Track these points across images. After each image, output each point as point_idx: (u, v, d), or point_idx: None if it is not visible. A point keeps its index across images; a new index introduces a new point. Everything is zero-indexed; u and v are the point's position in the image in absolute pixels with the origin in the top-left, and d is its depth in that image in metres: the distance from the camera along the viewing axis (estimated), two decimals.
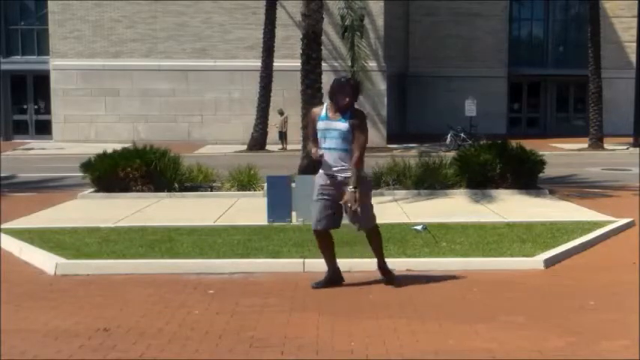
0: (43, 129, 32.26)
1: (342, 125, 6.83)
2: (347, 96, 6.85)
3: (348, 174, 6.82)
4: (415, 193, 13.66)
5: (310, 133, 7.13)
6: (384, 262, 7.33)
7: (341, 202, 6.85)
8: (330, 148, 6.88)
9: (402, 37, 35.35)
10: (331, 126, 6.87)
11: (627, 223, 10.60)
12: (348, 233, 9.19)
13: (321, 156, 6.92)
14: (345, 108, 6.87)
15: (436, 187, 14.01)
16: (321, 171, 7.06)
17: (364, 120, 7.01)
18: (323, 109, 7.02)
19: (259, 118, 27.62)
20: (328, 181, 6.95)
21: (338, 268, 7.28)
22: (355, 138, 6.84)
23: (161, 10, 31.01)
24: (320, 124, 6.93)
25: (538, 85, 37.54)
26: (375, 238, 7.24)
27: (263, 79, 27.37)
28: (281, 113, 28.53)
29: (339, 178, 6.88)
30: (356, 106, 7.08)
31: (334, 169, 6.90)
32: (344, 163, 6.85)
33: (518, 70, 36.23)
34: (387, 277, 7.29)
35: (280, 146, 28.32)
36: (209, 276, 7.63)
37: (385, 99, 31.04)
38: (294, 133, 24.69)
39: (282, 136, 28.47)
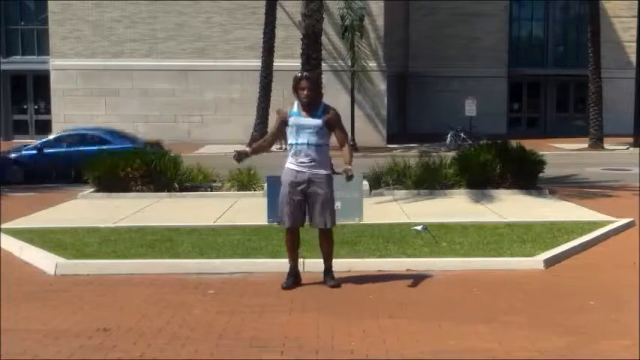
0: (43, 129, 32.19)
1: (316, 122, 6.88)
2: (308, 91, 6.84)
3: (321, 171, 6.87)
4: (415, 193, 13.65)
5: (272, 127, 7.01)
6: (331, 266, 7.27)
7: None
8: (302, 144, 6.92)
9: (402, 37, 35.33)
10: (303, 122, 6.90)
11: (627, 223, 10.58)
12: (349, 233, 9.22)
13: (252, 151, 7.07)
14: (313, 105, 6.89)
15: (436, 187, 14.00)
16: (290, 167, 7.02)
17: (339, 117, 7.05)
18: (294, 106, 7.02)
19: (259, 118, 27.61)
20: (298, 178, 6.93)
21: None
22: (337, 135, 6.93)
23: (161, 10, 31.02)
24: (291, 120, 6.94)
25: (538, 85, 37.53)
26: (331, 240, 7.22)
27: (263, 79, 27.37)
28: None
29: (307, 174, 6.90)
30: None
31: (305, 164, 6.92)
32: (315, 159, 6.89)
33: (518, 70, 36.22)
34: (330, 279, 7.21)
35: (280, 146, 28.29)
36: (209, 276, 7.62)
37: (385, 99, 31.02)
38: None
39: (283, 136, 28.46)
